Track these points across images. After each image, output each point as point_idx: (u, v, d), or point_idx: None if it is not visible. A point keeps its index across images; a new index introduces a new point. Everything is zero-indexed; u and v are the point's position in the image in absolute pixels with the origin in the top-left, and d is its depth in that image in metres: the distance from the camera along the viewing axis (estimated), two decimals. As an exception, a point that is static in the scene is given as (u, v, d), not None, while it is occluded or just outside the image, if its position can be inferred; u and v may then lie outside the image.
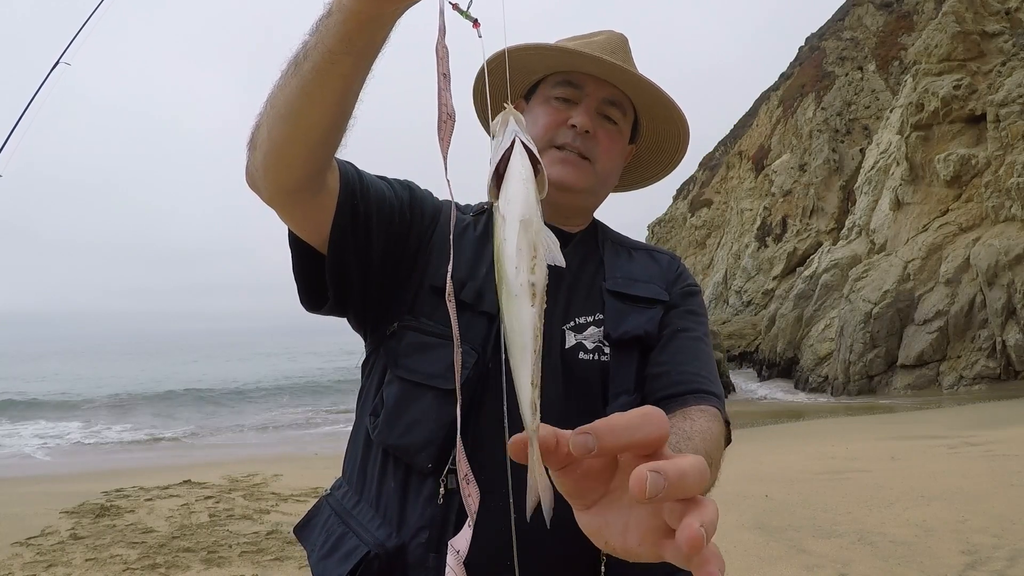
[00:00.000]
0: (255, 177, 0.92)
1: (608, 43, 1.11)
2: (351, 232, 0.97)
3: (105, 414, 16.17)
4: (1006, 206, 14.57)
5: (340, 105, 0.82)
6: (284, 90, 0.81)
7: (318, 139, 0.85)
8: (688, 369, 1.02)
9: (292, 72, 0.80)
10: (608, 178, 1.13)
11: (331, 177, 0.94)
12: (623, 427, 0.44)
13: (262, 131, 0.86)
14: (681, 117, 1.14)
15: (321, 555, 1.00)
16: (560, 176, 1.05)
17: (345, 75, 0.78)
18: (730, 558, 3.98)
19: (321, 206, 0.94)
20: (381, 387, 1.04)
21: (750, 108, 41.88)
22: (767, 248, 30.22)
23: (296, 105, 0.81)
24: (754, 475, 6.07)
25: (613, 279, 1.09)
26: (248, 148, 0.90)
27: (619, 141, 1.11)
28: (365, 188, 0.99)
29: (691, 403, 0.97)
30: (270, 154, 0.86)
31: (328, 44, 0.75)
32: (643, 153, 1.22)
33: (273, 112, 0.83)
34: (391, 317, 1.05)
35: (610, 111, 1.09)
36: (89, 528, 4.79)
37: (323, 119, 0.82)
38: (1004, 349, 13.46)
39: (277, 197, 0.92)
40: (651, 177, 1.28)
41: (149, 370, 36.25)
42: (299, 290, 1.03)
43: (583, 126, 1.05)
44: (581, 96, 1.08)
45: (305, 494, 5.84)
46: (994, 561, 3.69)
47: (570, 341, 1.02)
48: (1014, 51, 16.02)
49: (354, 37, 0.74)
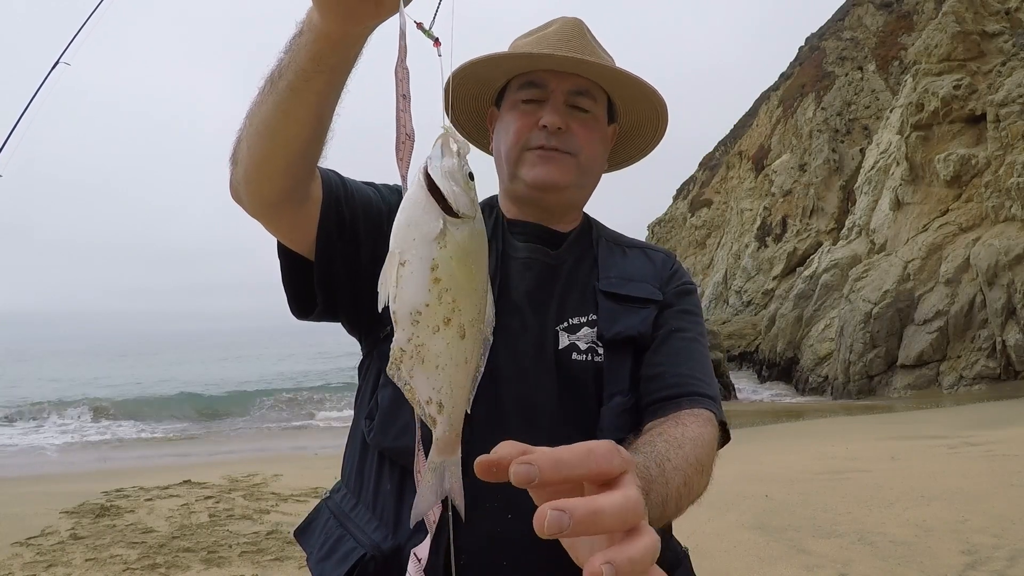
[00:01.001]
0: (238, 191, 0.93)
1: (561, 33, 1.09)
2: (337, 238, 0.97)
3: (105, 414, 16.16)
4: (1006, 206, 14.57)
5: (316, 120, 0.83)
6: (261, 107, 0.82)
7: (296, 154, 0.85)
8: (682, 371, 1.02)
9: (268, 90, 0.81)
10: (593, 166, 1.11)
11: (314, 186, 0.95)
12: (566, 462, 0.45)
13: (242, 147, 0.87)
14: (650, 89, 1.12)
15: (319, 557, 1.00)
16: (542, 176, 1.04)
17: (319, 92, 0.79)
18: (730, 558, 3.98)
19: (306, 215, 0.95)
20: (376, 390, 1.04)
21: (750, 108, 41.88)
22: (767, 248, 30.20)
23: (273, 122, 0.82)
24: (754, 475, 6.07)
25: (607, 279, 1.08)
26: (230, 163, 0.91)
27: (596, 128, 1.10)
28: (350, 194, 1.00)
29: (684, 406, 0.96)
30: (251, 169, 0.87)
31: (300, 63, 0.76)
32: (627, 128, 1.21)
33: (252, 129, 0.84)
34: (384, 320, 1.05)
35: (579, 101, 1.08)
36: (89, 528, 4.79)
37: (300, 134, 0.83)
38: (1004, 349, 13.45)
39: (260, 210, 0.93)
40: (644, 149, 1.26)
41: (149, 370, 36.23)
42: (288, 298, 1.04)
43: (553, 124, 1.04)
44: (547, 94, 1.07)
45: (305, 494, 5.84)
46: (994, 561, 3.69)
47: (563, 342, 1.02)
48: (1014, 51, 16.02)
49: (325, 56, 0.75)
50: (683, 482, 0.79)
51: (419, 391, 0.60)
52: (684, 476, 0.80)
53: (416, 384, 0.59)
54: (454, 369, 0.58)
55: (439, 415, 0.60)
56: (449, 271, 0.56)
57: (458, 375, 0.59)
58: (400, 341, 0.58)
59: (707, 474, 0.87)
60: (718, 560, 3.94)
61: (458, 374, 0.59)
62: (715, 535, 4.34)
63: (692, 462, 0.83)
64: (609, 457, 0.47)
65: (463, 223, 0.58)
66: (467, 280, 0.57)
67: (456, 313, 0.57)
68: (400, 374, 0.59)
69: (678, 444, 0.83)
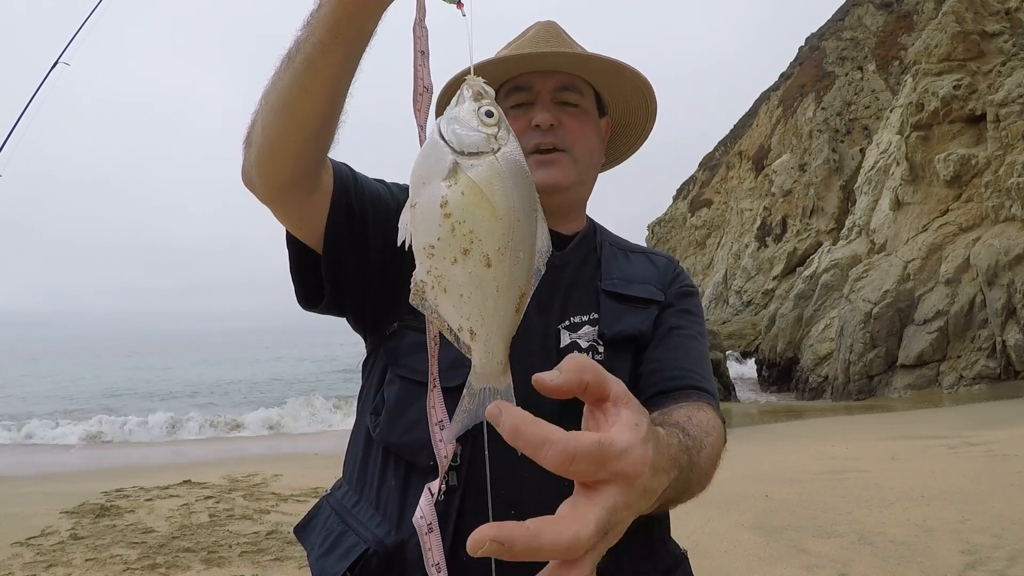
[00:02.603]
0: (250, 174, 0.93)
1: (538, 36, 1.12)
2: (346, 230, 0.98)
3: (105, 414, 16.16)
4: (1006, 206, 14.56)
5: (332, 96, 0.84)
6: (277, 84, 0.83)
7: (311, 131, 0.86)
8: (681, 365, 1.03)
9: (285, 67, 0.82)
10: (590, 160, 1.13)
11: (325, 175, 0.95)
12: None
13: (256, 127, 0.88)
14: (633, 72, 1.13)
15: (320, 553, 1.00)
16: (543, 180, 1.05)
17: (336, 65, 0.80)
18: (730, 558, 3.98)
19: (316, 204, 0.95)
20: (382, 386, 1.04)
21: (750, 108, 41.86)
22: (767, 248, 30.20)
23: (289, 98, 0.83)
24: (754, 475, 6.07)
25: (609, 280, 1.09)
26: (244, 146, 0.92)
27: (587, 120, 1.11)
28: (360, 187, 1.01)
29: (682, 399, 0.97)
30: (264, 149, 0.88)
31: (319, 36, 0.78)
32: (620, 118, 1.22)
33: (267, 107, 0.85)
34: (391, 317, 1.06)
35: (567, 96, 1.09)
36: (89, 528, 4.79)
37: (315, 110, 0.84)
38: (1004, 349, 13.44)
39: (272, 194, 0.94)
40: (639, 138, 1.27)
41: (149, 370, 36.23)
42: (296, 288, 1.05)
43: (545, 122, 1.06)
44: (533, 95, 1.09)
45: (305, 494, 5.84)
46: (994, 561, 3.68)
47: (565, 340, 1.03)
48: (1014, 51, 16.01)
49: (343, 27, 0.77)
50: (708, 472, 0.81)
51: (448, 319, 0.63)
52: (711, 467, 0.81)
53: (443, 312, 0.62)
54: (482, 297, 0.60)
55: (472, 342, 0.62)
56: (459, 205, 0.58)
57: (487, 303, 0.61)
58: (419, 274, 0.62)
59: (713, 465, 0.87)
60: (718, 560, 3.94)
61: (487, 301, 0.61)
62: (715, 535, 4.34)
63: (715, 456, 0.85)
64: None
65: (480, 158, 0.60)
66: (486, 211, 0.59)
67: (475, 243, 0.59)
68: (425, 303, 0.63)
69: (706, 432, 0.83)
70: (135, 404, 18.71)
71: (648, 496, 0.50)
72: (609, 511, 0.45)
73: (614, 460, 0.46)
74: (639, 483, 0.47)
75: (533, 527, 0.43)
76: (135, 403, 19.04)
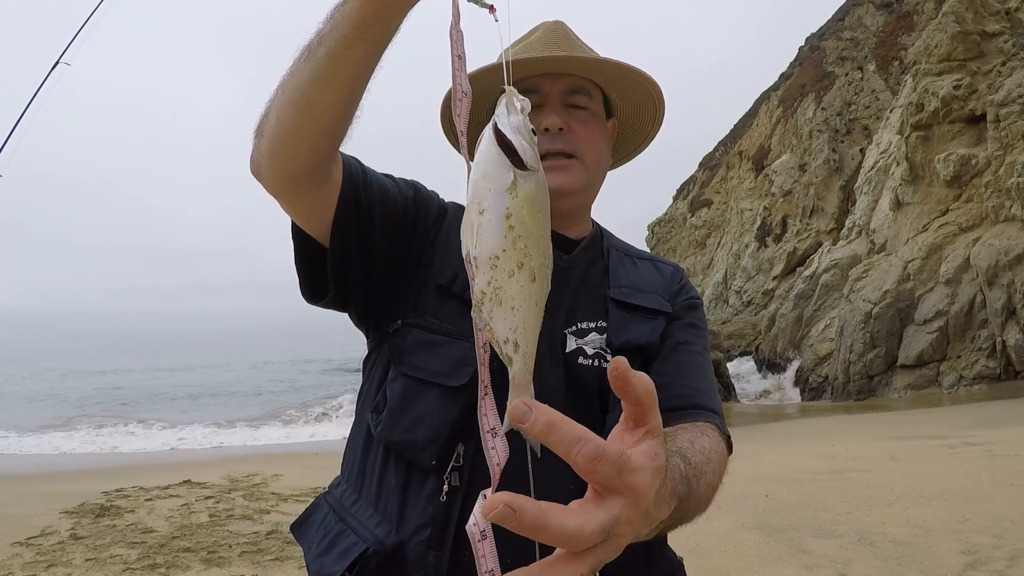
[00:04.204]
0: (260, 164, 0.92)
1: (545, 37, 1.11)
2: (354, 224, 0.97)
3: (105, 414, 16.16)
4: (1006, 206, 14.56)
5: (350, 91, 0.83)
6: (296, 76, 0.83)
7: (326, 126, 0.86)
8: (689, 383, 1.03)
9: (305, 58, 0.82)
10: (598, 164, 1.12)
11: (335, 169, 0.95)
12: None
13: (270, 117, 0.87)
14: (646, 78, 1.13)
15: (318, 552, 0.99)
16: (553, 185, 1.05)
17: (358, 60, 0.80)
18: (730, 558, 3.98)
19: (324, 197, 0.95)
20: (384, 384, 1.03)
21: (750, 108, 41.82)
22: (767, 248, 30.19)
23: (307, 90, 0.82)
24: (754, 475, 6.07)
25: (618, 288, 1.09)
26: (255, 135, 0.91)
27: (595, 123, 1.11)
28: (368, 182, 1.00)
29: (688, 419, 0.97)
30: (276, 139, 0.87)
31: (343, 30, 0.77)
32: (627, 120, 1.22)
33: (283, 97, 0.85)
34: (395, 314, 1.05)
35: (575, 99, 1.09)
36: (89, 528, 4.79)
37: (333, 104, 0.84)
38: (1004, 349, 13.44)
39: (281, 185, 0.93)
40: (644, 141, 1.27)
41: (149, 370, 36.21)
42: (300, 281, 1.04)
43: (554, 126, 1.05)
44: (542, 98, 1.08)
45: (305, 494, 5.84)
46: (994, 561, 3.69)
47: (570, 345, 1.03)
48: (1014, 51, 16.00)
49: (369, 23, 0.77)
50: (707, 499, 0.81)
51: (498, 331, 0.65)
52: (710, 494, 0.81)
53: (495, 325, 0.64)
54: (527, 310, 0.64)
55: (515, 354, 0.64)
56: (520, 219, 0.61)
57: (530, 316, 0.64)
58: (481, 285, 0.63)
59: (713, 489, 0.88)
60: (718, 560, 3.94)
61: (530, 315, 0.64)
62: (715, 535, 4.34)
63: (717, 481, 0.85)
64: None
65: (531, 175, 0.64)
66: (536, 227, 0.62)
67: (528, 258, 0.62)
68: (482, 315, 0.64)
69: (707, 459, 0.83)
70: (135, 404, 18.72)
71: (648, 521, 0.52)
72: (613, 518, 0.47)
73: (628, 473, 0.48)
74: (644, 502, 0.49)
75: (544, 507, 0.45)
76: (135, 403, 19.04)
